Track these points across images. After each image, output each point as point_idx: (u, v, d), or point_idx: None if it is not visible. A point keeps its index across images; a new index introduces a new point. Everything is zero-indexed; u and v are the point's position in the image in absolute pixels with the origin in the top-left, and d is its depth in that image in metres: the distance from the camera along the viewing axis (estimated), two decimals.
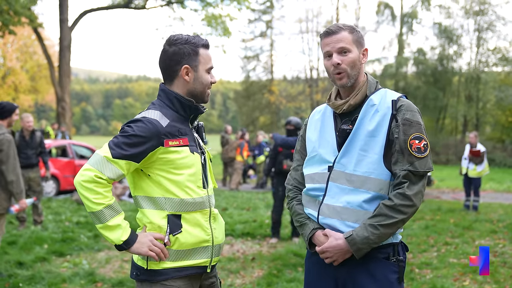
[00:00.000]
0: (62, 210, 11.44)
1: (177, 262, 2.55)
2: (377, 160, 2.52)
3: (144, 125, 2.48)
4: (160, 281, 2.54)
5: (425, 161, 2.50)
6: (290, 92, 42.09)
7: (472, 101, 36.34)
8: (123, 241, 2.47)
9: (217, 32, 23.50)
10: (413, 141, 2.49)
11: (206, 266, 2.64)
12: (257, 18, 41.50)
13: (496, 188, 19.08)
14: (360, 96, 2.63)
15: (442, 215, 11.84)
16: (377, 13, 40.33)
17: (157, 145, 2.49)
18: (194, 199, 2.57)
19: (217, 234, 2.68)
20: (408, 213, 2.46)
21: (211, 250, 2.63)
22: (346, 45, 2.59)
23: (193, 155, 2.59)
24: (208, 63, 2.65)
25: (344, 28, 2.63)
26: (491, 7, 35.99)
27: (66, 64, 22.46)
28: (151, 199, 2.56)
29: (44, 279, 6.12)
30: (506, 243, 8.74)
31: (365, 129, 2.55)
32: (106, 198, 2.44)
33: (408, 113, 2.53)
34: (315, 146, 2.73)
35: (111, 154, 2.43)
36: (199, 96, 2.67)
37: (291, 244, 8.34)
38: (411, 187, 2.46)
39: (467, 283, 6.29)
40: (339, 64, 2.59)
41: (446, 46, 37.44)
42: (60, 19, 22.04)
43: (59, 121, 22.09)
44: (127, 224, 2.52)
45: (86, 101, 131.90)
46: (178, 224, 2.54)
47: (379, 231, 2.44)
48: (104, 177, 2.42)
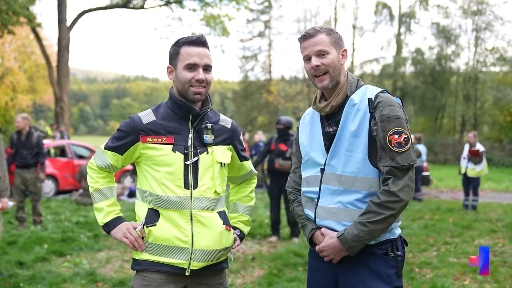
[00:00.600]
0: (62, 210, 11.44)
1: (153, 256, 2.63)
2: (363, 159, 2.56)
3: (127, 121, 2.71)
4: (139, 271, 2.68)
5: (407, 154, 2.51)
6: (288, 92, 42.08)
7: (470, 101, 36.42)
8: (104, 223, 2.70)
9: (215, 32, 23.51)
10: (392, 137, 2.51)
11: (184, 269, 2.61)
12: (255, 18, 41.49)
13: (494, 188, 19.11)
14: (341, 96, 2.66)
15: (441, 214, 11.86)
16: (375, 13, 40.39)
17: (135, 140, 2.66)
18: (169, 197, 2.59)
19: (200, 238, 2.60)
20: (396, 208, 2.48)
21: (189, 253, 2.59)
22: (324, 47, 2.63)
23: (174, 153, 2.61)
24: (186, 60, 2.61)
25: (321, 30, 2.67)
26: (489, 7, 36.10)
27: (65, 64, 22.44)
28: (142, 192, 2.71)
29: (45, 279, 6.12)
30: (505, 242, 8.76)
31: (348, 129, 2.59)
32: (97, 183, 2.75)
33: (386, 109, 2.54)
34: (307, 150, 2.78)
35: (104, 145, 2.76)
36: (184, 95, 2.67)
37: (291, 244, 8.35)
38: (396, 182, 2.49)
39: (467, 282, 6.30)
40: (318, 66, 2.63)
41: (444, 46, 37.56)
42: (59, 19, 22.03)
43: (57, 121, 22.07)
44: (113, 210, 2.73)
45: (84, 101, 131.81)
46: (154, 218, 2.62)
47: (368, 228, 2.48)
48: (95, 164, 2.78)
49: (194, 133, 2.68)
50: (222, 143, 2.79)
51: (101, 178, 2.76)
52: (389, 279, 2.57)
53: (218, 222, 2.70)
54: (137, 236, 2.62)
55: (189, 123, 2.68)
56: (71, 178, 14.90)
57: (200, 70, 2.63)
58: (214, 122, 2.78)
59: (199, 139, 2.69)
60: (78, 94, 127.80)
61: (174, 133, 2.64)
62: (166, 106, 2.74)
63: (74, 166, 14.98)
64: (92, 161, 2.79)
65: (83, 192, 13.05)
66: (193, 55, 2.61)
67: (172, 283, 2.63)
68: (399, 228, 2.71)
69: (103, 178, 2.76)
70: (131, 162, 2.79)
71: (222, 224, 2.72)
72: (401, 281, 2.62)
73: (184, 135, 2.66)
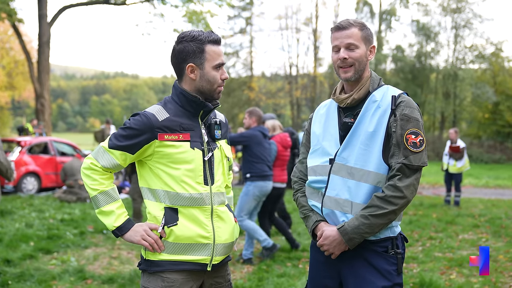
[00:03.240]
0: (46, 208, 11.34)
1: (173, 255, 2.57)
2: (377, 155, 2.59)
3: (139, 118, 2.56)
4: (157, 272, 2.58)
5: (420, 155, 2.57)
6: (270, 88, 42.13)
7: (450, 97, 36.86)
8: (116, 227, 2.58)
9: (198, 29, 23.39)
10: (409, 136, 2.56)
11: (206, 264, 2.62)
12: (237, 14, 41.48)
13: (475, 184, 19.39)
14: (363, 91, 2.70)
15: (424, 210, 12.01)
16: (356, 10, 40.66)
17: (151, 138, 2.55)
18: (191, 194, 2.56)
19: (220, 233, 2.64)
20: (398, 204, 2.52)
21: (211, 249, 2.61)
22: (354, 41, 2.67)
23: (193, 150, 2.59)
24: (215, 60, 2.61)
25: (354, 24, 2.70)
26: (468, 5, 36.56)
27: (45, 60, 22.16)
28: (152, 191, 2.62)
29: (34, 276, 6.08)
30: (488, 237, 8.90)
31: (366, 124, 2.63)
32: (102, 184, 2.59)
33: (407, 109, 2.60)
34: (319, 139, 2.81)
35: (107, 145, 2.59)
36: (207, 93, 2.65)
37: (277, 240, 8.38)
38: (403, 179, 2.53)
39: (454, 276, 6.40)
40: (346, 58, 2.67)
41: (424, 43, 37.97)
42: (39, 14, 21.73)
43: (38, 118, 21.83)
44: (124, 212, 2.62)
45: (62, 98, 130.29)
46: (174, 217, 2.56)
47: (369, 221, 2.52)
48: (99, 165, 2.59)
49: (205, 128, 2.70)
50: (224, 137, 2.83)
51: (105, 179, 2.61)
52: (390, 276, 2.61)
53: (231, 215, 2.76)
54: (157, 238, 2.56)
55: (199, 119, 2.68)
56: (54, 175, 14.77)
57: (223, 69, 2.66)
58: (214, 117, 2.80)
59: (209, 134, 2.70)
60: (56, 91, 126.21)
61: (189, 130, 2.61)
62: (173, 102, 2.67)
63: (56, 163, 14.85)
64: (94, 162, 2.60)
65: (67, 189, 12.95)
66: (219, 54, 2.63)
67: (192, 281, 2.62)
68: (399, 226, 2.75)
69: (107, 179, 2.62)
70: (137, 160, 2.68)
71: (233, 216, 2.78)
72: (401, 278, 2.66)
73: (197, 131, 2.64)
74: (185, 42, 2.60)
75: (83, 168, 2.62)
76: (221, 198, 2.70)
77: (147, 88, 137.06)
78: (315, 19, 39.99)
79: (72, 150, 15.74)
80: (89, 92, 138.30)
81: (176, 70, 2.69)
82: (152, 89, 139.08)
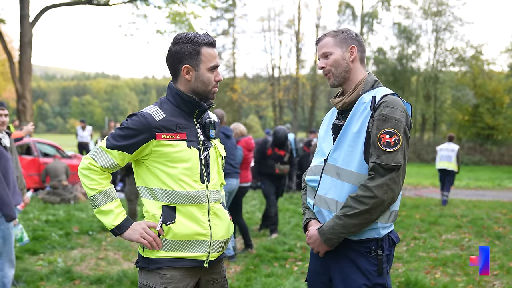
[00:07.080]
0: (29, 209, 11.25)
1: (171, 253, 2.62)
2: (359, 156, 2.66)
3: (137, 118, 2.61)
4: (155, 269, 2.64)
5: (393, 155, 2.59)
6: (252, 90, 42.18)
7: (430, 100, 37.19)
8: (115, 225, 2.63)
9: (181, 30, 23.37)
10: (384, 136, 2.59)
11: (203, 261, 2.67)
12: (220, 16, 41.52)
13: (456, 185, 19.57)
14: (355, 94, 2.77)
15: (407, 211, 12.13)
16: (338, 12, 40.96)
17: (149, 138, 2.59)
18: (189, 192, 2.61)
19: (217, 230, 2.70)
20: (369, 204, 2.56)
21: (208, 245, 2.66)
22: (327, 49, 2.82)
23: (190, 149, 2.64)
24: (211, 62, 2.67)
25: (327, 34, 2.87)
26: (448, 8, 36.94)
27: (27, 61, 21.95)
28: (149, 190, 2.67)
29: (21, 277, 6.06)
30: (471, 237, 9.04)
31: (353, 126, 2.70)
32: (101, 184, 2.64)
33: (387, 109, 2.62)
34: (320, 141, 2.93)
35: (105, 145, 2.63)
36: (202, 94, 2.71)
37: (264, 241, 8.43)
38: (375, 179, 2.58)
39: (439, 275, 6.50)
40: (323, 67, 2.83)
41: (405, 46, 38.26)
42: (21, 14, 21.53)
43: (20, 118, 21.62)
44: (122, 211, 2.67)
45: (42, 99, 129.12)
46: (171, 215, 2.61)
47: (343, 221, 2.61)
48: (97, 165, 2.62)
49: (200, 128, 2.76)
50: (217, 136, 2.91)
51: (103, 179, 2.65)
52: (370, 276, 2.67)
53: (226, 212, 2.82)
54: (155, 235, 2.61)
55: (194, 119, 2.74)
56: (37, 176, 14.65)
57: (218, 71, 2.74)
58: (208, 117, 2.86)
59: (204, 133, 2.77)
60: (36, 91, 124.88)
61: (185, 129, 2.67)
62: (169, 102, 2.72)
63: (39, 164, 14.72)
64: (92, 162, 2.63)
65: (51, 190, 12.87)
66: (214, 56, 2.70)
67: (189, 278, 2.68)
68: (391, 228, 2.79)
69: (105, 179, 2.66)
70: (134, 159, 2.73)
71: (227, 213, 2.85)
72: (383, 279, 2.70)
73: (193, 130, 2.70)
74: (182, 44, 2.66)
75: (81, 168, 2.65)
76: (216, 195, 2.76)
77: (128, 89, 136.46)
78: (298, 21, 40.18)
79: (55, 151, 15.63)
80: (70, 93, 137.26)
81: (171, 70, 2.74)
82: (133, 90, 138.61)
